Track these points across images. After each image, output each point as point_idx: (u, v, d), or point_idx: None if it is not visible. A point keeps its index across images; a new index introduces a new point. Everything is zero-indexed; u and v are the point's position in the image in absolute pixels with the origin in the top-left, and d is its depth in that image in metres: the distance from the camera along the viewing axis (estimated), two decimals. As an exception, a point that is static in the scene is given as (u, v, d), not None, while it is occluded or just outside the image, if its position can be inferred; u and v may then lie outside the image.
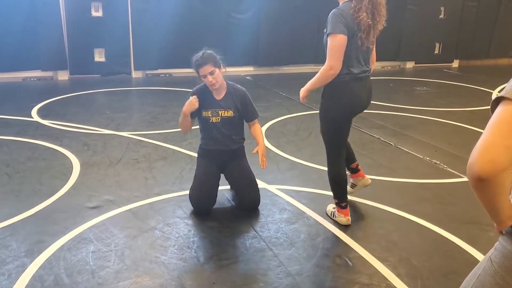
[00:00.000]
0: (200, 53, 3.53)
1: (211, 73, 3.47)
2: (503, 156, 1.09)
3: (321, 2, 9.55)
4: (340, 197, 3.41)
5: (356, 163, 3.70)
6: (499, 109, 1.15)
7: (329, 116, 3.22)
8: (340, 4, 3.14)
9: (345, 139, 3.36)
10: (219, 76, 3.51)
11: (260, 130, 3.75)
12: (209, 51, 3.54)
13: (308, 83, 3.25)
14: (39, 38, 8.12)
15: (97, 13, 8.47)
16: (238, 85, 3.72)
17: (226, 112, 3.61)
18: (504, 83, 8.91)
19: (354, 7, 3.01)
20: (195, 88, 3.69)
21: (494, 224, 1.34)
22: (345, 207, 3.42)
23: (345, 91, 3.13)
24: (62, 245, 3.02)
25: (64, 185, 3.95)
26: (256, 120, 3.77)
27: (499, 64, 11.87)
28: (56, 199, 3.68)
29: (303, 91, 3.30)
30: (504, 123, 1.11)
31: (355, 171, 3.72)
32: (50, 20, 8.12)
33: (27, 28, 8.00)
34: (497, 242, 1.37)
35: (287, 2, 9.52)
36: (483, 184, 1.14)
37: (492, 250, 1.38)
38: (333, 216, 3.51)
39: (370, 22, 3.05)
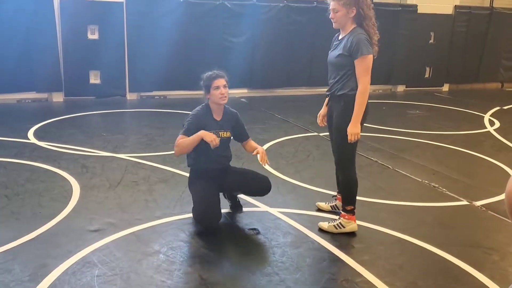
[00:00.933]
0: (214, 70, 3.74)
1: (225, 86, 3.66)
2: None
3: (313, 27, 9.75)
4: (355, 202, 3.64)
5: None
6: None
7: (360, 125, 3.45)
8: (355, 28, 3.47)
9: None
10: (227, 93, 3.71)
11: (254, 143, 4.00)
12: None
13: (354, 115, 3.38)
14: (35, 59, 8.12)
15: (93, 35, 8.51)
16: (230, 108, 3.93)
17: (225, 133, 3.78)
18: (493, 107, 9.08)
19: (372, 28, 3.47)
20: (196, 110, 3.75)
21: None
22: (354, 212, 3.65)
23: (368, 107, 3.47)
24: (66, 269, 2.97)
25: (65, 207, 3.90)
26: (249, 138, 4.03)
27: (487, 88, 12.10)
28: (57, 222, 3.63)
29: (357, 126, 3.38)
30: None
31: None
32: (46, 42, 8.14)
33: (23, 49, 8.00)
34: None
35: (281, 26, 9.66)
36: None
37: None
38: (341, 228, 3.61)
39: (377, 37, 3.53)
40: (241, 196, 4.29)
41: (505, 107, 9.36)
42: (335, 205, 4.03)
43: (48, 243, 3.31)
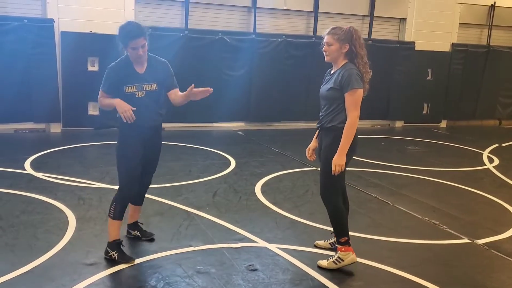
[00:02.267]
0: (132, 23, 3.43)
1: (143, 46, 3.35)
2: None
3: (311, 62, 9.86)
4: (347, 232, 3.60)
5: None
6: None
7: (348, 157, 3.50)
8: (346, 64, 3.56)
9: None
10: (146, 48, 3.40)
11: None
12: (137, 22, 3.47)
13: (340, 147, 3.43)
14: (34, 90, 8.13)
15: (93, 67, 8.57)
16: (159, 57, 3.63)
17: (150, 86, 3.49)
18: (491, 144, 9.10)
19: (363, 66, 3.52)
20: (115, 62, 3.49)
21: None
22: (350, 243, 3.60)
23: (356, 139, 3.55)
24: (59, 305, 2.89)
25: (60, 240, 3.83)
26: (177, 88, 3.65)
27: (485, 125, 12.17)
28: (53, 255, 3.56)
29: (342, 158, 3.43)
30: None
31: None
32: (46, 73, 8.17)
33: (23, 79, 8.02)
34: None
35: (279, 61, 9.77)
36: None
37: None
38: (340, 261, 3.57)
39: (369, 75, 3.58)
40: (238, 230, 4.24)
41: (504, 144, 9.39)
42: (334, 241, 3.90)
43: (43, 276, 3.23)
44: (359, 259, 3.72)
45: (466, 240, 4.35)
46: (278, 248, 3.95)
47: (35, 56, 8.06)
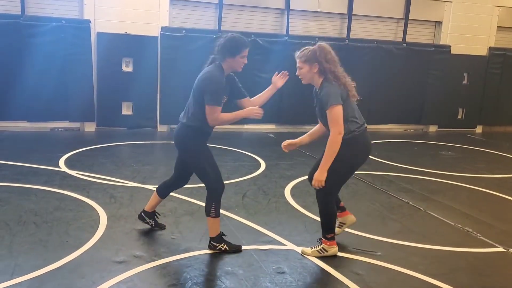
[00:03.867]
0: (238, 34, 3.74)
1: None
2: None
3: (343, 65, 9.74)
4: (333, 229, 3.79)
5: (342, 202, 4.10)
6: None
7: (352, 162, 3.69)
8: (323, 82, 3.74)
9: None
10: None
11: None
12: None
13: (322, 163, 3.60)
14: (70, 90, 8.35)
15: (127, 68, 8.74)
16: None
17: (226, 97, 3.80)
18: (530, 151, 8.79)
19: (336, 79, 3.65)
20: (215, 75, 3.64)
21: None
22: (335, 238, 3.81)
23: (361, 141, 3.66)
24: (90, 301, 2.94)
25: (91, 237, 3.90)
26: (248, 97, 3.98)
27: (522, 131, 11.80)
28: (83, 252, 3.63)
29: (322, 174, 3.59)
30: None
31: (343, 209, 4.10)
32: (82, 72, 8.38)
33: (59, 79, 8.24)
34: None
35: (312, 64, 9.72)
36: None
37: None
38: (324, 252, 3.78)
39: (352, 82, 3.72)
40: (267, 232, 4.23)
41: (541, 151, 9.07)
42: (340, 223, 4.15)
43: (73, 272, 3.29)
44: (389, 265, 3.66)
45: (500, 249, 4.22)
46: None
47: (72, 56, 8.27)
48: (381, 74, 10.09)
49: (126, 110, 8.89)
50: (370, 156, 3.91)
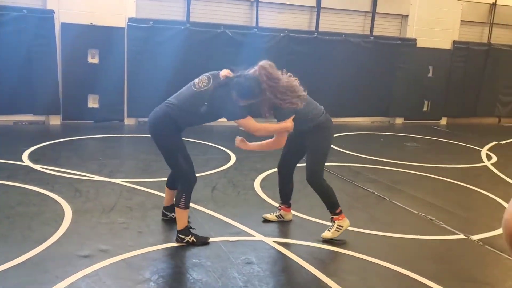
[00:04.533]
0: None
1: None
2: None
3: (313, 57, 9.85)
4: (338, 203, 4.05)
5: (291, 201, 4.45)
6: None
7: (327, 143, 4.09)
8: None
9: None
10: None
11: None
12: None
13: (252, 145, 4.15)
14: (34, 82, 8.12)
15: (93, 60, 8.57)
16: None
17: None
18: (489, 142, 9.09)
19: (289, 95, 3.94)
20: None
21: None
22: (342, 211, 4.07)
23: (331, 122, 4.11)
24: (53, 296, 2.89)
25: (55, 232, 3.83)
26: None
27: (484, 122, 12.13)
28: (47, 247, 3.56)
29: (246, 145, 4.10)
30: None
31: (289, 206, 4.43)
32: (46, 65, 8.16)
33: (23, 71, 8.00)
34: None
35: (281, 56, 9.71)
36: None
37: None
38: (341, 228, 4.01)
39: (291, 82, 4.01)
40: (236, 224, 4.25)
41: (502, 142, 9.37)
42: (280, 214, 4.43)
43: (36, 268, 3.23)
44: (353, 253, 3.73)
45: (461, 236, 4.36)
46: (275, 241, 3.95)
47: (35, 47, 8.04)
48: (349, 67, 10.20)
49: (93, 103, 8.72)
50: (338, 149, 4.10)
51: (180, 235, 3.79)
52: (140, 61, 8.76)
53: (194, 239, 3.79)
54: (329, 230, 4.02)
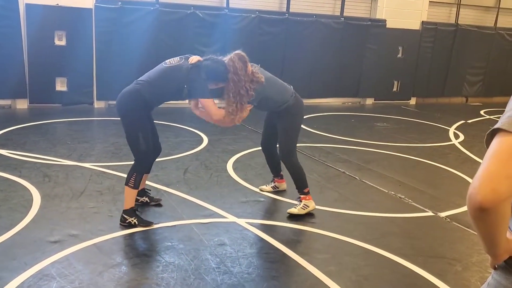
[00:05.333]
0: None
1: None
2: (505, 186, 1.11)
3: (285, 38, 9.83)
4: (306, 184, 4.22)
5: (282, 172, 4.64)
6: (497, 140, 1.17)
7: (298, 123, 4.23)
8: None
9: None
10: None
11: None
12: None
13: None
14: (-2, 64, 7.88)
15: (60, 42, 8.34)
16: None
17: None
18: (458, 121, 9.31)
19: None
20: None
21: (489, 257, 1.33)
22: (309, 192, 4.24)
23: (301, 103, 4.25)
24: (22, 282, 2.85)
25: (23, 218, 3.76)
26: None
27: (452, 102, 12.41)
28: (15, 233, 3.49)
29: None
30: (503, 153, 1.13)
31: (282, 177, 4.71)
32: (10, 47, 7.90)
33: (-15, 54, 7.76)
34: (490, 277, 1.38)
35: (252, 37, 9.68)
36: (484, 214, 1.14)
37: (484, 285, 1.39)
38: (307, 207, 4.16)
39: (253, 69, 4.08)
40: (208, 206, 4.26)
41: (469, 121, 9.61)
42: (275, 185, 4.75)
43: (4, 255, 3.17)
44: (324, 232, 3.79)
45: (430, 213, 4.48)
46: (247, 222, 3.98)
47: (-2, 29, 7.78)
48: (320, 48, 10.22)
49: (61, 86, 8.51)
50: (310, 129, 4.14)
51: (124, 215, 3.77)
52: (109, 42, 8.57)
53: (136, 222, 3.75)
54: (295, 207, 4.18)
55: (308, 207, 4.18)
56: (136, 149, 3.79)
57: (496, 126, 1.20)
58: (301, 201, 4.20)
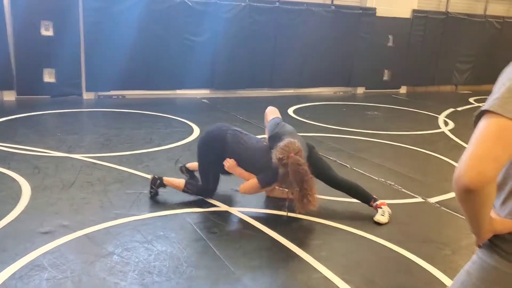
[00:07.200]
0: None
1: None
2: (491, 168, 1.12)
3: (275, 27, 9.79)
4: (367, 194, 4.07)
5: None
6: (484, 122, 1.18)
7: None
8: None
9: None
10: None
11: None
12: None
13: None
14: (-16, 56, 7.77)
15: (47, 32, 8.23)
16: None
17: None
18: (447, 109, 9.37)
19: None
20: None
21: (474, 236, 1.35)
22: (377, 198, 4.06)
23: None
24: (13, 273, 2.84)
25: (13, 209, 3.73)
26: None
27: (442, 90, 12.47)
28: (5, 225, 3.47)
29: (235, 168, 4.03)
30: (490, 136, 1.14)
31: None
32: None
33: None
34: (474, 255, 1.40)
35: (243, 26, 9.64)
36: (470, 195, 1.15)
37: (469, 263, 1.41)
38: (387, 214, 3.95)
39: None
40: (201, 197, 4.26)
41: (459, 109, 9.68)
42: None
43: (-6, 246, 3.16)
44: (316, 219, 3.81)
45: (419, 199, 4.51)
46: (240, 211, 3.99)
47: (-17, 20, 7.66)
48: (311, 37, 10.19)
49: (49, 77, 8.41)
50: (302, 119, 4.07)
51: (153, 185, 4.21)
52: (97, 32, 8.48)
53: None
54: (382, 215, 3.96)
55: (389, 211, 3.99)
56: (204, 182, 4.17)
57: (483, 107, 1.20)
58: (377, 209, 4.00)
